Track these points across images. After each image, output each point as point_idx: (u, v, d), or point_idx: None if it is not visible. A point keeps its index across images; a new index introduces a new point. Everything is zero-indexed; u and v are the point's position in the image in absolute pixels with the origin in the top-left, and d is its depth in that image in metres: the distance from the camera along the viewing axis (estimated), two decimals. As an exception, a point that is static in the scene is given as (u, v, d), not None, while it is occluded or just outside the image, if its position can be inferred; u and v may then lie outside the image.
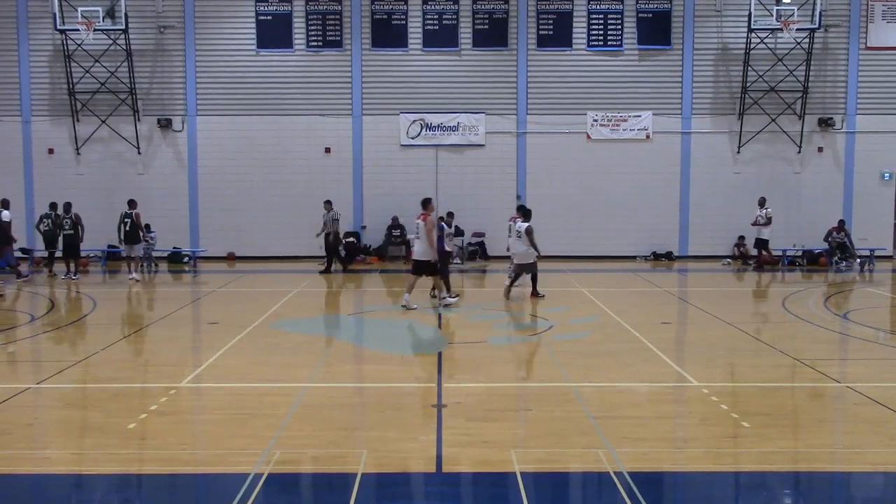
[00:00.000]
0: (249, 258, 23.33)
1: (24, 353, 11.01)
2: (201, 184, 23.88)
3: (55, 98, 23.69)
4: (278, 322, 13.38)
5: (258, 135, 23.74)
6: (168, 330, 12.72)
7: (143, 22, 23.43)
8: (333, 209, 20.40)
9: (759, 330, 11.98)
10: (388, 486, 5.95)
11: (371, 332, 12.91)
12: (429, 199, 15.03)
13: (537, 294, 15.71)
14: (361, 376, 9.66)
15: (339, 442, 6.87)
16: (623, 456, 6.41)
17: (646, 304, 15.44)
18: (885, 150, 23.73)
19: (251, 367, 9.81)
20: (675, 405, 8.34)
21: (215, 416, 7.74)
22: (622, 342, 11.57)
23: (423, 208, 14.70)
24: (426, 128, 23.75)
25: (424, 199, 15.03)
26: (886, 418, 7.53)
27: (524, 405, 8.16)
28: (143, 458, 6.59)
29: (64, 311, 14.75)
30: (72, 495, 6.05)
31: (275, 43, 23.56)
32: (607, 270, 21.20)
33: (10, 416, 7.65)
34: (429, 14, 23.59)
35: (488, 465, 6.29)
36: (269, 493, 5.80)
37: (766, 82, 23.40)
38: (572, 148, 23.87)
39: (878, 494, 6.17)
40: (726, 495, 6.06)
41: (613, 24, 23.63)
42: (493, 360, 10.17)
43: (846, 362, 10.51)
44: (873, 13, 23.46)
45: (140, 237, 19.62)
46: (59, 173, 23.59)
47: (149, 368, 9.96)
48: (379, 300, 16.76)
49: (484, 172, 23.87)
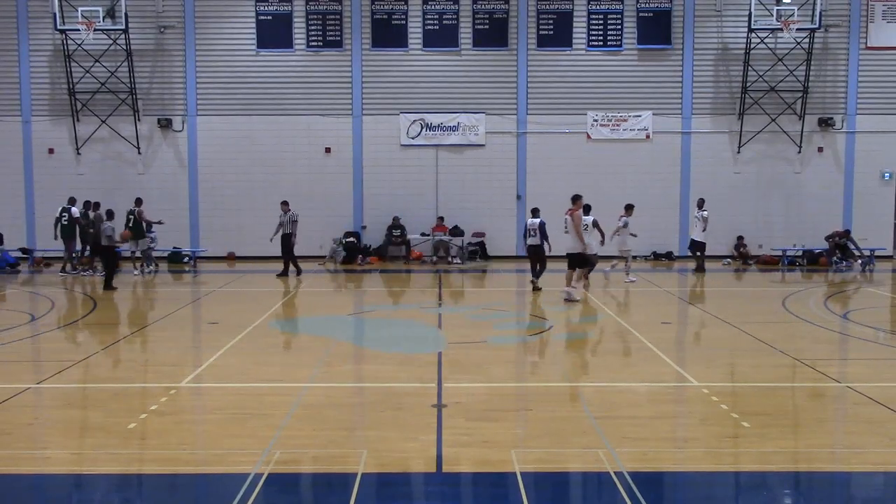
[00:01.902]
0: (249, 258, 23.33)
1: (24, 353, 11.01)
2: (201, 184, 23.87)
3: (55, 98, 23.69)
4: (278, 322, 13.39)
5: (258, 135, 23.73)
6: (168, 330, 12.72)
7: (143, 22, 23.41)
8: (291, 210, 19.89)
9: (759, 330, 11.98)
10: (389, 485, 5.96)
11: (371, 332, 12.91)
12: (578, 195, 15.63)
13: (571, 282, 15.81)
14: (361, 376, 9.66)
15: (339, 442, 6.88)
16: (623, 456, 6.41)
17: (646, 304, 15.45)
18: (885, 150, 23.71)
19: (251, 367, 9.81)
20: (675, 405, 8.34)
21: (215, 416, 7.74)
22: (622, 342, 11.57)
23: (572, 204, 15.40)
24: (426, 128, 23.75)
25: (574, 195, 15.62)
26: (886, 418, 7.53)
27: (524, 405, 8.16)
28: (143, 458, 6.59)
29: (64, 311, 14.74)
30: (72, 495, 6.06)
31: (275, 43, 23.55)
32: (607, 270, 21.16)
33: (11, 415, 7.66)
34: (429, 14, 23.59)
35: (488, 465, 6.29)
36: (269, 493, 5.80)
37: (767, 82, 23.39)
38: (572, 148, 23.86)
39: (878, 494, 6.17)
40: (726, 495, 6.06)
41: (613, 24, 23.62)
42: (493, 360, 10.16)
43: (846, 362, 10.51)
44: (873, 13, 23.44)
45: (143, 233, 19.80)
46: (59, 173, 23.58)
47: (149, 368, 9.96)
48: (379, 300, 16.77)
49: (484, 172, 23.86)
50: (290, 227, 19.36)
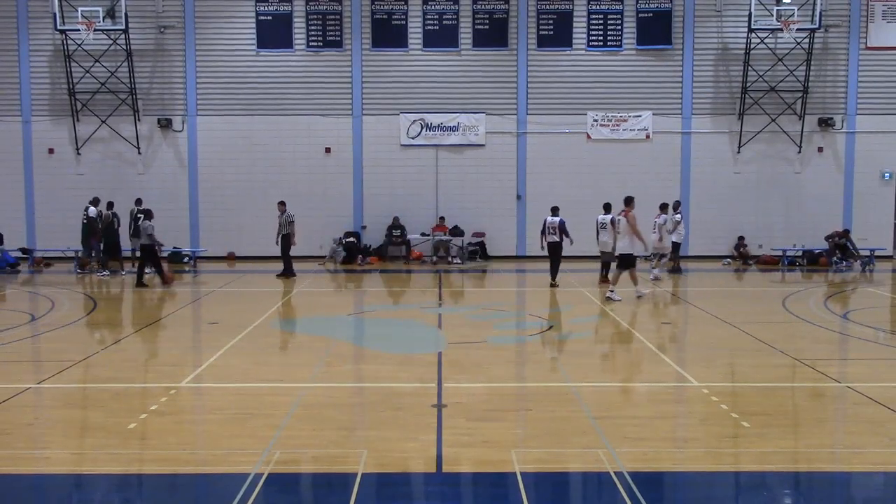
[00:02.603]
0: (249, 258, 23.33)
1: (24, 353, 11.01)
2: (201, 184, 23.87)
3: (55, 98, 23.69)
4: (278, 322, 13.39)
5: (258, 135, 23.74)
6: (168, 330, 12.73)
7: (143, 22, 23.42)
8: (287, 211, 19.85)
9: (759, 330, 11.98)
10: (389, 486, 5.96)
11: (371, 332, 12.91)
12: (631, 197, 16.21)
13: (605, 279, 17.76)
14: (361, 376, 9.66)
15: (340, 442, 6.88)
16: (623, 456, 6.41)
17: (646, 303, 15.44)
18: (885, 150, 23.72)
19: (251, 367, 9.81)
20: (675, 405, 8.34)
21: (215, 416, 7.74)
22: (622, 342, 11.57)
23: (626, 205, 15.87)
24: (426, 128, 23.75)
25: (627, 196, 16.19)
26: (886, 418, 7.53)
27: (524, 405, 8.16)
28: (143, 458, 6.59)
29: (65, 311, 14.74)
30: (72, 495, 6.06)
31: (275, 43, 23.55)
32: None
33: (11, 415, 7.66)
34: (429, 14, 23.59)
35: (488, 465, 6.29)
36: (270, 493, 5.80)
37: (767, 82, 23.39)
38: (572, 148, 23.87)
39: (878, 494, 6.17)
40: (726, 495, 6.06)
41: (613, 24, 23.62)
42: (493, 360, 10.16)
43: (846, 362, 10.51)
44: (873, 13, 23.45)
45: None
46: (60, 173, 23.59)
47: (149, 368, 9.96)
48: (379, 300, 16.77)
49: (484, 172, 23.87)
50: (287, 227, 19.34)
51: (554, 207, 18.23)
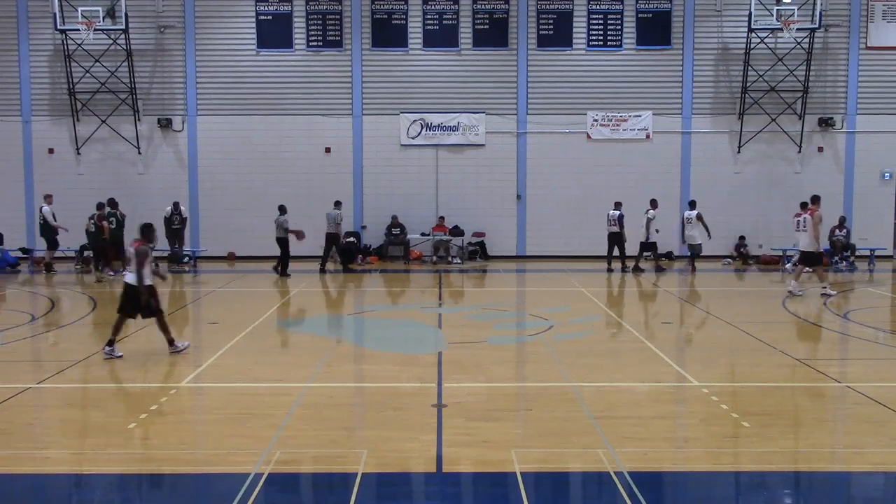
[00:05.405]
0: (249, 258, 23.33)
1: (23, 353, 11.01)
2: (201, 184, 23.87)
3: (55, 98, 23.69)
4: (278, 322, 13.39)
5: (258, 135, 23.74)
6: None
7: (143, 22, 23.42)
8: (282, 214, 19.82)
9: (759, 330, 11.98)
10: (389, 485, 5.96)
11: (371, 332, 12.91)
12: (817, 196, 16.33)
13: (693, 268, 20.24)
14: (361, 376, 9.66)
15: (340, 442, 6.88)
16: (623, 456, 6.41)
17: (646, 303, 15.44)
18: (885, 150, 23.71)
19: (251, 366, 9.81)
20: (675, 405, 8.34)
21: (215, 416, 7.74)
22: (622, 342, 11.58)
23: (811, 204, 16.05)
24: (426, 128, 23.75)
25: (813, 195, 16.34)
26: (886, 418, 7.53)
27: (524, 405, 8.16)
28: (143, 458, 6.60)
29: (64, 311, 14.74)
30: (72, 495, 6.06)
31: (275, 43, 23.56)
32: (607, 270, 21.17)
33: (11, 415, 7.66)
34: (429, 14, 23.59)
35: (488, 465, 6.29)
36: (270, 492, 5.80)
37: (767, 82, 23.39)
38: (572, 148, 23.86)
39: (878, 494, 6.17)
40: (726, 495, 6.06)
41: (613, 24, 23.62)
42: (493, 360, 10.16)
43: (846, 362, 10.51)
44: (873, 13, 23.44)
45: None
46: (59, 173, 23.58)
47: (149, 368, 9.96)
48: (379, 300, 16.77)
49: (484, 172, 23.87)
50: (281, 231, 19.46)
51: (617, 203, 20.66)
